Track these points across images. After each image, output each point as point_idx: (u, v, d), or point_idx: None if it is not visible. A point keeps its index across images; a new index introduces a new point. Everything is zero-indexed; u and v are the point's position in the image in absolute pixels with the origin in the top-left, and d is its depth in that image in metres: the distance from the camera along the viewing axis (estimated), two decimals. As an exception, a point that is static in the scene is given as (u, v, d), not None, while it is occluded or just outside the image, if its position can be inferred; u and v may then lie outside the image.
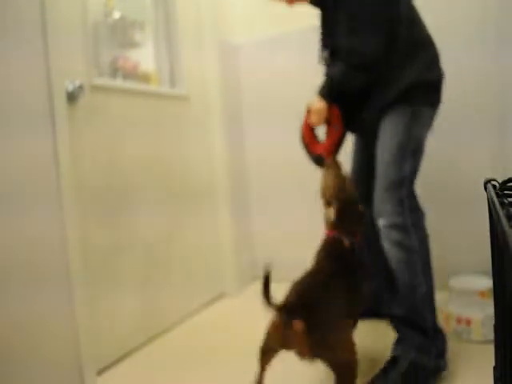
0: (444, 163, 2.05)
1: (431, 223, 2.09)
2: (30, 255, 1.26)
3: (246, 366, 1.53)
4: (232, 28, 2.42)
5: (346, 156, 1.74)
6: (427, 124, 1.47)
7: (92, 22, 1.69)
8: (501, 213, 0.49)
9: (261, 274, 1.17)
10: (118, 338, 1.67)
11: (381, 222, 1.41)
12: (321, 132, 1.59)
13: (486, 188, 0.65)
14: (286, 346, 1.14)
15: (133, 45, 1.94)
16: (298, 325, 1.08)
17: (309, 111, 1.54)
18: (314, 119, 1.50)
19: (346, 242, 1.31)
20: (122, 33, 1.86)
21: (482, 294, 1.77)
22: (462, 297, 1.76)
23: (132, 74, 1.88)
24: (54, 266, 1.34)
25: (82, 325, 1.41)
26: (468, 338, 1.54)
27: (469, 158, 1.99)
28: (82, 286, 1.42)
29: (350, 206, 1.36)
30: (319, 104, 1.46)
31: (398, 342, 1.36)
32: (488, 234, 0.64)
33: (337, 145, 1.53)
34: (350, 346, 1.14)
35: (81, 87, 1.49)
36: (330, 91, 1.45)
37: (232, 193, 2.34)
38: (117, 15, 1.84)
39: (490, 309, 1.56)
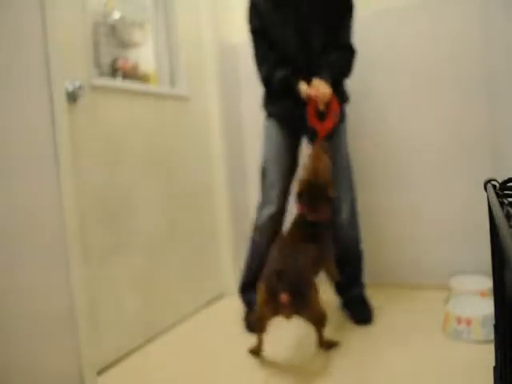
0: (444, 163, 2.05)
1: (431, 223, 2.09)
2: (30, 257, 1.27)
3: (246, 365, 1.53)
4: (232, 28, 2.42)
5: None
6: None
7: (92, 22, 1.69)
8: (501, 213, 0.49)
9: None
10: (118, 338, 1.67)
11: (342, 217, 1.84)
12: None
13: (485, 188, 0.65)
14: (276, 313, 1.44)
15: (133, 45, 1.93)
16: (285, 297, 1.36)
17: (316, 95, 1.71)
18: (321, 105, 1.73)
19: (310, 217, 1.61)
20: (121, 33, 1.86)
21: (482, 293, 1.77)
22: (462, 297, 1.76)
23: (132, 74, 1.88)
24: (55, 267, 1.34)
25: (82, 325, 1.41)
26: (468, 338, 1.54)
27: (469, 158, 1.99)
28: (82, 285, 1.43)
29: (316, 189, 1.63)
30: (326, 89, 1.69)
31: (358, 285, 1.92)
32: (488, 233, 0.64)
33: (332, 128, 1.75)
34: (319, 302, 1.49)
35: (81, 87, 1.49)
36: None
37: (231, 193, 2.34)
38: (117, 15, 1.84)
39: (489, 309, 1.56)
